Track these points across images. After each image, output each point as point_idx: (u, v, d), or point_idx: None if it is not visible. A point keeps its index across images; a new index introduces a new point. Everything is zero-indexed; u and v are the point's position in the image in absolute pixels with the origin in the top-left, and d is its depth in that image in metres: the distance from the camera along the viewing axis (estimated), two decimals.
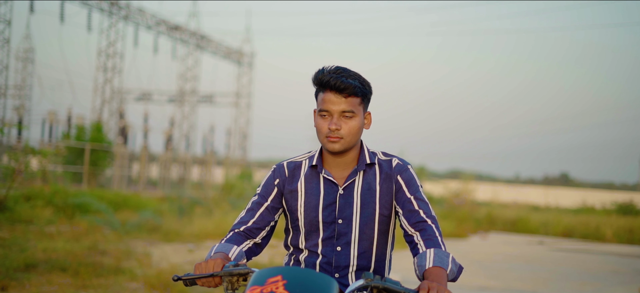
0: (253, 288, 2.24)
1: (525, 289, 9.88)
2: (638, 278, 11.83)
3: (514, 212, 27.64)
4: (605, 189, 57.19)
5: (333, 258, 2.84)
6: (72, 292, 7.71)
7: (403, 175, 2.83)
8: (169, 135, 37.58)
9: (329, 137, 2.77)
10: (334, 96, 2.74)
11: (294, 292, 2.22)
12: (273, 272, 2.30)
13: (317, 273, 2.34)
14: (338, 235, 2.84)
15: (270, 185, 2.90)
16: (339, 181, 2.86)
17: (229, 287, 2.53)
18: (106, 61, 36.64)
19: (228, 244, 2.82)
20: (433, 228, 2.74)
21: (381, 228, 2.86)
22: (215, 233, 14.78)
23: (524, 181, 74.00)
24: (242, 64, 42.49)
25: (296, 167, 2.92)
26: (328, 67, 2.79)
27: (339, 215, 2.83)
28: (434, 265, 2.58)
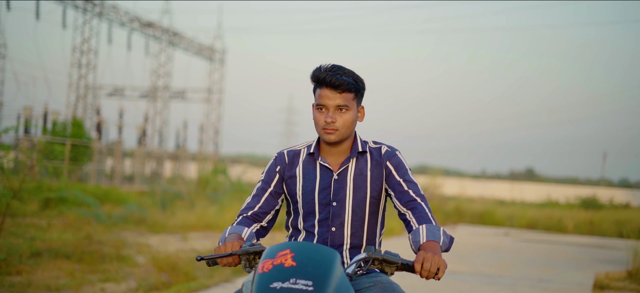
0: (265, 261, 2.43)
1: (492, 273, 10.81)
2: (594, 265, 12.83)
3: (480, 206, 28.57)
4: (570, 184, 58.38)
5: (328, 237, 3.02)
6: (82, 277, 8.36)
7: (392, 161, 3.04)
8: (142, 130, 37.98)
9: (325, 129, 2.97)
10: (330, 92, 2.94)
11: (301, 262, 2.40)
12: (282, 247, 2.49)
13: (321, 246, 2.53)
14: (333, 216, 3.01)
15: (273, 171, 3.12)
16: (334, 167, 3.05)
17: (247, 265, 2.75)
18: (81, 58, 36.96)
19: (239, 226, 3.04)
20: (423, 206, 2.95)
21: (372, 210, 3.05)
22: (198, 224, 15.43)
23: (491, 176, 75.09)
24: (214, 61, 42.90)
25: (295, 155, 3.12)
26: (325, 65, 2.99)
27: (333, 198, 3.01)
28: (428, 240, 2.79)
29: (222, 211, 17.39)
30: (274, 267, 2.37)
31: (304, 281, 2.32)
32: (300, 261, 2.39)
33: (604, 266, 12.62)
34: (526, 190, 47.25)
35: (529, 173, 77.21)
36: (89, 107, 37.39)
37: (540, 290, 9.42)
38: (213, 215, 16.64)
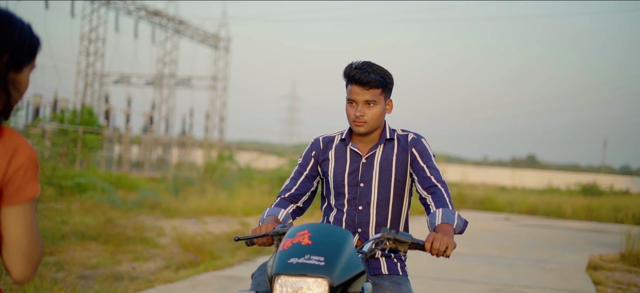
0: (286, 240, 2.63)
1: (492, 254, 11.47)
2: (590, 247, 13.48)
3: (482, 192, 29.12)
4: (572, 171, 58.76)
5: (356, 216, 3.23)
6: (111, 257, 9.00)
7: (417, 147, 3.24)
8: (150, 117, 38.54)
9: (355, 121, 3.18)
10: (359, 89, 3.14)
11: (316, 240, 2.58)
12: (301, 227, 2.69)
13: (335, 227, 2.72)
14: (360, 196, 3.23)
15: (309, 156, 3.36)
16: (363, 152, 3.26)
17: (278, 244, 2.98)
18: (88, 46, 37.56)
19: (276, 208, 3.28)
20: (442, 191, 3.14)
21: (396, 192, 3.25)
22: (210, 209, 15.98)
23: (492, 163, 75.51)
24: (219, 49, 43.35)
25: (329, 141, 3.34)
26: (356, 62, 3.20)
27: (361, 180, 3.23)
28: (442, 222, 2.98)
29: (232, 197, 17.95)
30: (292, 245, 2.59)
31: (316, 257, 2.51)
32: (315, 240, 2.59)
33: (598, 249, 13.28)
34: (527, 176, 47.64)
35: (531, 160, 77.45)
36: (96, 94, 37.99)
37: (537, 269, 10.07)
38: (224, 200, 17.22)
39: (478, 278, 8.87)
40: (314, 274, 2.46)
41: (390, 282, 3.12)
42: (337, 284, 2.47)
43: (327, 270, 2.47)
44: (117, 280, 7.28)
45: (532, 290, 8.32)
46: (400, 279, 3.16)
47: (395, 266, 3.19)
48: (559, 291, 8.37)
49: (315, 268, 2.47)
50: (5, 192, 1.76)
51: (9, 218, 1.78)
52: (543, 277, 9.39)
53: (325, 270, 2.47)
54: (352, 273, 2.53)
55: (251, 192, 19.53)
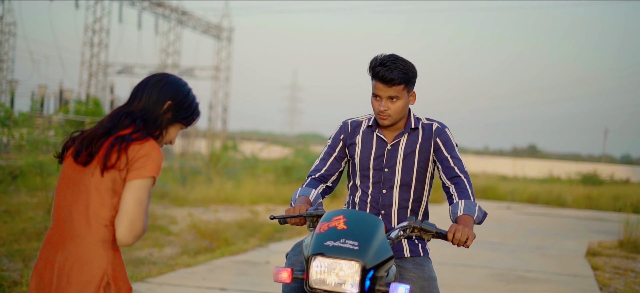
0: (323, 223, 2.87)
1: (494, 241, 11.82)
2: (589, 235, 13.83)
3: (484, 182, 29.43)
4: (573, 161, 58.94)
5: (379, 198, 3.40)
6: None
7: (441, 137, 3.38)
8: None
9: (379, 115, 3.33)
10: (382, 85, 3.27)
11: (350, 226, 2.81)
12: (337, 213, 2.91)
13: (368, 214, 2.93)
14: (384, 180, 3.39)
15: (337, 138, 3.50)
16: (389, 139, 3.41)
17: (310, 225, 3.18)
18: (93, 36, 37.86)
19: (307, 188, 3.45)
20: (465, 183, 3.29)
21: (418, 178, 3.40)
22: (218, 198, 16.27)
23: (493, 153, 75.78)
24: (221, 39, 43.57)
25: (357, 125, 3.48)
26: (380, 57, 3.29)
27: (385, 165, 3.39)
28: (464, 213, 3.14)
29: (239, 186, 18.25)
30: (329, 228, 2.81)
31: (351, 241, 2.74)
32: (350, 225, 2.81)
33: (597, 236, 13.63)
34: (528, 166, 47.81)
35: (532, 149, 77.60)
36: (100, 84, 38.28)
37: (537, 255, 10.43)
38: (231, 189, 17.52)
39: (481, 264, 9.22)
40: (348, 257, 2.69)
41: (413, 265, 3.35)
42: (369, 267, 2.71)
43: (360, 254, 2.71)
44: (139, 265, 7.64)
45: (533, 274, 8.68)
46: (422, 260, 3.40)
47: (417, 247, 3.41)
48: (558, 275, 8.72)
49: (349, 252, 2.71)
50: (130, 170, 2.46)
51: (126, 189, 2.45)
52: (543, 262, 9.74)
53: (358, 254, 2.70)
54: (382, 258, 2.79)
55: (257, 182, 19.86)
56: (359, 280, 2.68)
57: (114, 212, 2.47)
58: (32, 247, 8.48)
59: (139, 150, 2.48)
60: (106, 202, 2.47)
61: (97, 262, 2.43)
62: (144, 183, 2.46)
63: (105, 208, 2.46)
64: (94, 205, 2.46)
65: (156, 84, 2.64)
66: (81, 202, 2.47)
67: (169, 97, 2.63)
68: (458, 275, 8.26)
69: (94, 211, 2.46)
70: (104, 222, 2.47)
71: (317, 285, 2.74)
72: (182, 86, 2.68)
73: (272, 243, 9.87)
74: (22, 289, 5.93)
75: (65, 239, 2.47)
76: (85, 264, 2.42)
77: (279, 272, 2.88)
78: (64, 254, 2.45)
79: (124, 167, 2.47)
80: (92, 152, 2.49)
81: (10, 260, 7.61)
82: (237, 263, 8.10)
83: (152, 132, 2.60)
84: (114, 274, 2.47)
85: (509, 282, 8.03)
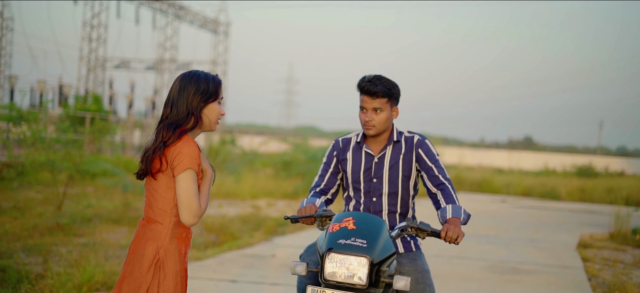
0: (334, 224, 3.30)
1: (489, 234, 12.24)
2: (581, 227, 14.26)
3: (479, 175, 29.77)
4: (568, 153, 59.25)
5: (371, 206, 3.83)
6: None
7: (422, 148, 3.81)
8: (152, 102, 39.16)
9: (365, 125, 3.77)
10: (367, 98, 3.73)
11: (359, 226, 3.26)
12: (347, 214, 3.36)
13: (375, 216, 3.38)
14: (373, 189, 3.82)
15: (331, 155, 3.95)
16: (375, 152, 3.84)
17: (320, 225, 3.62)
18: (91, 32, 38.18)
19: (313, 198, 3.88)
20: (449, 188, 3.72)
21: (404, 185, 3.82)
22: (219, 193, 16.60)
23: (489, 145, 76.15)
24: (218, 33, 43.85)
25: (347, 142, 3.92)
26: (367, 76, 3.76)
27: (374, 176, 3.82)
28: (452, 216, 3.56)
29: (239, 181, 18.59)
30: (340, 228, 3.27)
31: (360, 239, 3.18)
32: (359, 226, 3.27)
33: (589, 229, 14.06)
34: (524, 158, 48.05)
35: (528, 141, 77.88)
36: (99, 79, 38.58)
37: (530, 248, 10.84)
38: (231, 184, 17.87)
39: (476, 256, 9.63)
40: (358, 253, 3.15)
41: (407, 259, 3.79)
42: (376, 262, 3.17)
43: (368, 251, 3.17)
44: None
45: (525, 266, 9.09)
46: (415, 255, 3.83)
47: (409, 244, 3.85)
48: (550, 267, 9.13)
49: (359, 249, 3.16)
50: (173, 169, 3.02)
51: (176, 183, 3.02)
52: (536, 254, 10.16)
53: (367, 251, 3.16)
54: (387, 253, 3.28)
55: (256, 176, 20.21)
56: (367, 273, 3.13)
57: (172, 203, 3.08)
58: (47, 241, 8.86)
59: (173, 151, 3.03)
60: (164, 197, 3.09)
61: (154, 243, 3.09)
62: (185, 175, 3.00)
63: (164, 201, 3.10)
64: (156, 202, 3.12)
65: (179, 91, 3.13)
66: (150, 200, 3.15)
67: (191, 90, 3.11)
68: (454, 267, 8.66)
69: (157, 205, 3.12)
70: (164, 212, 3.10)
71: (331, 277, 3.18)
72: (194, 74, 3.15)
73: (276, 237, 10.29)
74: (47, 282, 6.30)
75: (144, 225, 3.15)
76: (148, 242, 3.10)
77: (296, 266, 3.34)
78: (140, 234, 3.16)
79: (167, 168, 3.07)
80: (147, 167, 3.13)
81: (28, 254, 7.97)
82: (244, 257, 8.50)
83: (190, 127, 3.11)
84: (165, 256, 3.08)
85: (503, 274, 8.44)
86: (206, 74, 3.17)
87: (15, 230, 9.48)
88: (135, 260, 3.11)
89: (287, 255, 8.83)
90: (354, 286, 3.17)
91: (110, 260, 7.07)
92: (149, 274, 3.07)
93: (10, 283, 6.29)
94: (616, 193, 22.65)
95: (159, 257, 3.08)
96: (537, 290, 7.58)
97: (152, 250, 3.08)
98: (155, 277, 3.08)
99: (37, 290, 6.14)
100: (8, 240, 8.78)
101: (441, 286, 7.36)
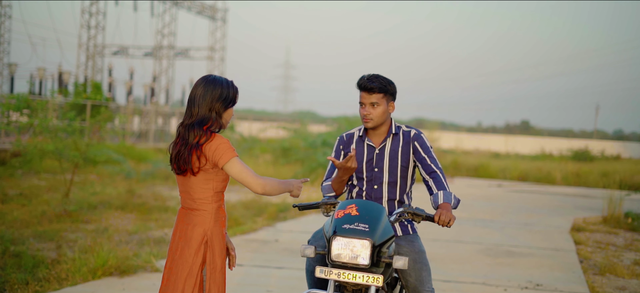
0: (339, 210, 3.69)
1: (485, 218, 12.57)
2: (575, 211, 14.59)
3: (476, 159, 30.07)
4: (565, 137, 59.49)
5: (372, 193, 4.17)
6: (143, 224, 10.00)
7: (418, 141, 4.18)
8: (151, 88, 39.35)
9: (364, 118, 4.13)
10: (365, 94, 4.11)
11: (362, 212, 3.64)
12: (350, 202, 3.75)
13: (376, 204, 3.77)
14: (374, 178, 4.17)
15: (338, 150, 4.31)
16: (376, 144, 4.21)
17: (325, 211, 4.04)
18: (90, 19, 38.35)
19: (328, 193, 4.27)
20: (440, 176, 4.07)
21: (402, 174, 4.18)
22: None
23: (486, 129, 76.42)
24: (216, 19, 43.94)
25: (351, 136, 4.30)
26: (366, 74, 4.14)
27: (375, 166, 4.17)
28: (444, 202, 3.92)
29: None
30: (344, 214, 3.66)
31: (363, 224, 3.57)
32: (361, 212, 3.66)
33: (583, 212, 14.39)
34: (521, 143, 48.26)
35: (525, 125, 78.02)
36: (97, 66, 38.77)
37: (525, 231, 11.17)
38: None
39: (471, 240, 9.96)
40: (361, 237, 3.55)
41: (405, 241, 4.13)
42: (377, 244, 3.55)
43: (370, 234, 3.55)
44: (158, 244, 8.33)
45: (518, 249, 9.42)
46: (412, 237, 4.18)
47: (406, 227, 4.20)
48: (542, 250, 9.46)
49: (362, 233, 3.56)
50: (217, 162, 3.46)
51: (228, 172, 3.49)
52: (530, 237, 10.49)
53: (369, 234, 3.55)
54: (386, 236, 3.67)
55: (256, 163, 20.49)
56: (369, 254, 3.53)
57: (211, 192, 3.54)
58: (56, 228, 9.16)
59: (211, 147, 3.46)
60: (203, 188, 3.53)
61: (201, 227, 3.53)
62: (232, 163, 3.46)
63: (204, 192, 3.53)
64: (195, 193, 3.55)
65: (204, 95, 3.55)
66: (189, 192, 3.57)
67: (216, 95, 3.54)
68: (449, 250, 8.98)
69: (197, 196, 3.55)
70: (205, 201, 3.54)
71: (337, 258, 3.58)
72: (218, 81, 3.56)
73: (278, 222, 10.62)
74: (63, 267, 6.61)
75: (188, 213, 3.57)
76: (195, 227, 3.53)
77: (305, 249, 3.74)
78: (185, 221, 3.58)
79: (207, 163, 3.49)
80: (180, 165, 3.56)
81: (39, 240, 8.28)
82: (249, 242, 8.82)
83: (214, 128, 3.54)
84: (211, 237, 3.53)
85: (496, 256, 8.76)
86: (227, 82, 3.61)
87: (25, 217, 9.77)
88: (183, 243, 3.54)
89: (290, 240, 9.15)
90: (357, 266, 3.55)
91: (122, 246, 7.37)
92: (198, 255, 3.51)
93: (27, 268, 6.59)
94: (611, 177, 22.93)
95: (207, 238, 3.53)
96: (529, 272, 7.90)
97: (200, 233, 3.51)
98: (206, 255, 3.53)
99: (54, 274, 6.45)
100: (18, 226, 9.08)
101: (437, 268, 7.68)
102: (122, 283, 6.42)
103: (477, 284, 7.14)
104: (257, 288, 6.55)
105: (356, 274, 3.56)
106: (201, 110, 3.53)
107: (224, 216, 3.63)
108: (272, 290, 6.51)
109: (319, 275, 3.63)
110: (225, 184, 3.61)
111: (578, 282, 7.49)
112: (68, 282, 6.29)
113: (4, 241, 7.47)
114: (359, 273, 3.56)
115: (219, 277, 3.57)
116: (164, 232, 9.44)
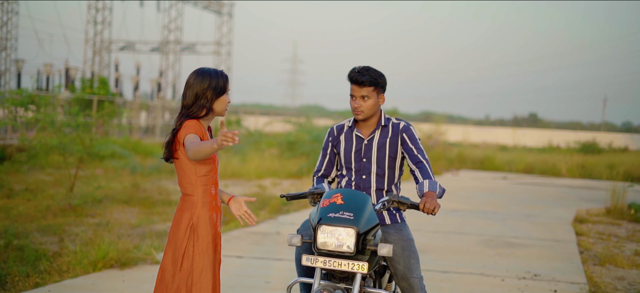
0: (324, 200, 3.77)
1: (487, 210, 12.60)
2: (578, 203, 14.61)
3: (482, 152, 30.05)
4: (573, 129, 59.34)
5: (361, 183, 4.25)
6: (147, 218, 10.08)
7: (407, 133, 4.25)
8: (157, 83, 39.47)
9: (355, 110, 4.19)
10: (356, 87, 4.17)
11: (347, 201, 3.72)
12: (335, 191, 3.83)
13: (360, 193, 3.85)
14: (363, 168, 4.25)
15: (327, 142, 4.39)
16: (365, 136, 4.28)
17: (312, 201, 4.08)
18: (96, 14, 38.49)
19: (319, 184, 4.35)
20: (426, 166, 4.16)
21: (390, 165, 4.25)
22: (225, 173, 16.95)
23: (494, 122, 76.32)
24: (222, 14, 43.99)
25: (341, 128, 4.36)
26: (356, 67, 4.20)
27: (363, 156, 4.25)
28: (429, 190, 3.98)
29: (245, 161, 18.94)
30: (330, 203, 3.73)
31: (348, 213, 3.65)
32: (346, 201, 3.73)
33: (586, 204, 14.41)
34: (528, 135, 48.20)
35: (533, 118, 77.92)
36: (104, 62, 38.91)
37: (526, 222, 11.20)
38: (237, 164, 18.23)
39: (473, 231, 10.00)
40: (346, 225, 3.62)
41: (394, 230, 4.20)
42: (362, 232, 3.63)
43: (355, 222, 3.63)
44: (161, 236, 8.41)
45: (519, 240, 9.46)
46: (401, 225, 4.26)
47: (395, 216, 4.27)
48: (543, 241, 9.50)
49: (347, 221, 3.63)
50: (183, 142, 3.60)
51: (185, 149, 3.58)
52: (531, 229, 10.52)
53: (354, 222, 3.63)
54: (371, 224, 3.74)
55: (262, 157, 20.56)
56: (354, 242, 3.61)
57: (194, 176, 3.69)
58: (60, 222, 9.26)
59: (182, 130, 3.64)
60: (187, 172, 3.71)
61: (189, 211, 3.69)
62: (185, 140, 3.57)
63: (188, 175, 3.71)
64: (183, 177, 3.73)
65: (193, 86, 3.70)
66: (180, 177, 3.76)
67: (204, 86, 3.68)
68: (450, 241, 9.03)
69: (185, 180, 3.73)
70: (191, 185, 3.71)
71: (323, 247, 3.66)
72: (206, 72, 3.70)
73: (280, 215, 10.68)
74: (64, 259, 6.70)
75: (182, 199, 3.74)
76: (184, 211, 3.71)
77: (292, 238, 3.82)
78: (179, 207, 3.76)
79: (179, 147, 3.67)
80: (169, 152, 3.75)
81: (43, 234, 8.37)
82: (250, 234, 8.90)
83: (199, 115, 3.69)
84: (198, 221, 3.67)
85: (496, 247, 8.81)
86: (216, 72, 3.74)
87: (29, 212, 9.88)
88: (175, 227, 3.73)
89: (290, 232, 9.21)
90: (343, 253, 3.63)
91: (123, 239, 7.45)
92: (185, 237, 3.69)
93: (29, 261, 6.68)
94: (617, 169, 22.89)
95: (193, 223, 3.68)
96: (528, 262, 7.95)
97: (187, 217, 3.69)
98: (190, 239, 3.69)
99: (55, 267, 6.53)
100: (23, 221, 9.18)
101: (436, 260, 7.74)
102: (123, 275, 6.50)
103: (475, 275, 7.18)
104: (255, 279, 6.62)
105: (342, 262, 3.63)
106: (187, 100, 3.70)
107: (214, 200, 3.75)
108: (271, 281, 6.58)
109: (305, 263, 3.71)
110: (209, 168, 3.72)
111: (576, 272, 7.53)
112: (69, 274, 6.37)
113: (7, 235, 7.58)
114: (344, 261, 3.63)
115: (201, 261, 3.69)
116: (167, 225, 9.52)
